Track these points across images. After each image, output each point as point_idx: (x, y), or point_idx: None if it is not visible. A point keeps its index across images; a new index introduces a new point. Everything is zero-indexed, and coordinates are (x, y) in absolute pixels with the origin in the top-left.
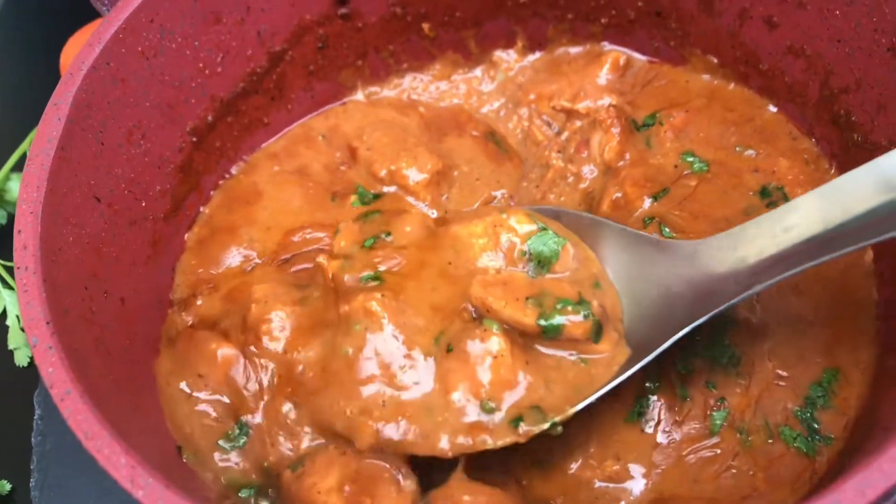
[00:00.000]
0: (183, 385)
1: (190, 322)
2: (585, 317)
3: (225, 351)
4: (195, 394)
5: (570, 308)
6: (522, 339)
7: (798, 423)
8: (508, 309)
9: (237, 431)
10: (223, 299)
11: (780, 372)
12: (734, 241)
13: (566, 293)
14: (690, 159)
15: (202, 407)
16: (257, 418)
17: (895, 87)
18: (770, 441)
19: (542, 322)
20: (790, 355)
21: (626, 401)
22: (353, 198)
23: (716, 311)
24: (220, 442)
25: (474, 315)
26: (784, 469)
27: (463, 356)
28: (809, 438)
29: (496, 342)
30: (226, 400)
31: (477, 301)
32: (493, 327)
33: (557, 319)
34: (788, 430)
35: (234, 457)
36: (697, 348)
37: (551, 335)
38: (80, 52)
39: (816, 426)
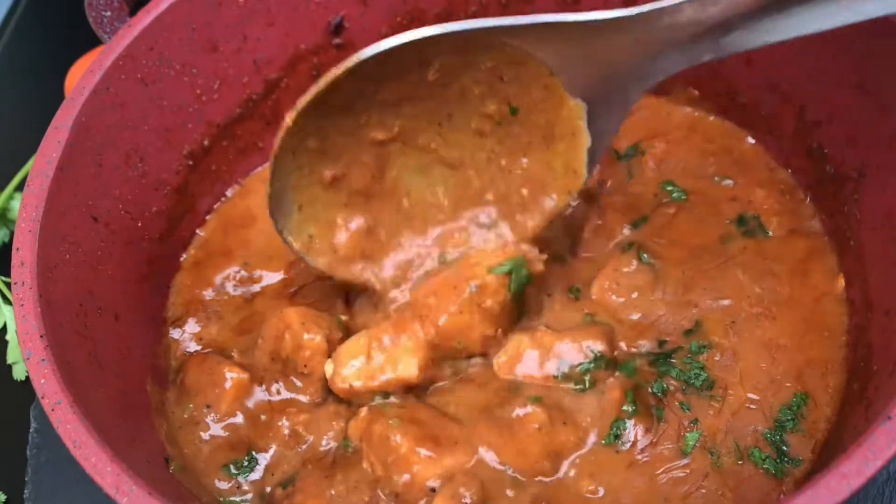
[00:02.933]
0: (187, 413)
1: (195, 349)
2: (607, 364)
3: (236, 376)
4: (205, 420)
5: (592, 367)
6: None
7: (767, 445)
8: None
9: (245, 463)
10: (235, 330)
11: (751, 395)
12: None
13: (572, 355)
14: (670, 188)
15: (210, 432)
16: (270, 454)
17: (863, 122)
18: (740, 462)
19: (578, 391)
20: (762, 379)
21: (603, 425)
22: None
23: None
24: (230, 468)
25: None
26: (752, 490)
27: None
28: (778, 460)
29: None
30: (239, 421)
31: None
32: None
33: (590, 381)
34: (758, 451)
35: (236, 482)
36: (672, 372)
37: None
38: (81, 77)
39: (785, 448)
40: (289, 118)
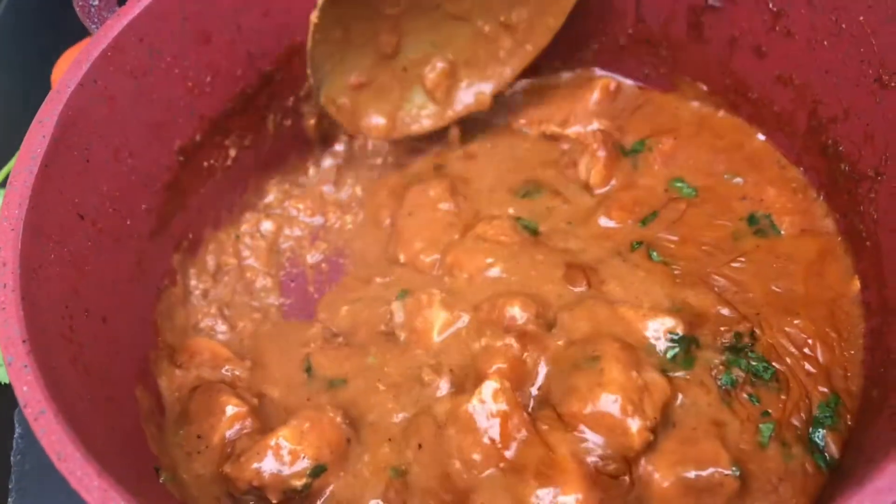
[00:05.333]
0: (183, 439)
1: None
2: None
3: (236, 410)
4: (197, 451)
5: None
6: None
7: (808, 441)
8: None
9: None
10: None
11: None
12: None
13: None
14: (679, 185)
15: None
16: None
17: (881, 118)
18: (788, 457)
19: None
20: (801, 373)
21: None
22: None
23: None
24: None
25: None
26: (796, 483)
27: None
28: (815, 456)
29: None
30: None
31: None
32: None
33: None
34: (799, 447)
35: None
36: (741, 363)
37: None
38: (67, 69)
39: (822, 445)
40: (313, 16)
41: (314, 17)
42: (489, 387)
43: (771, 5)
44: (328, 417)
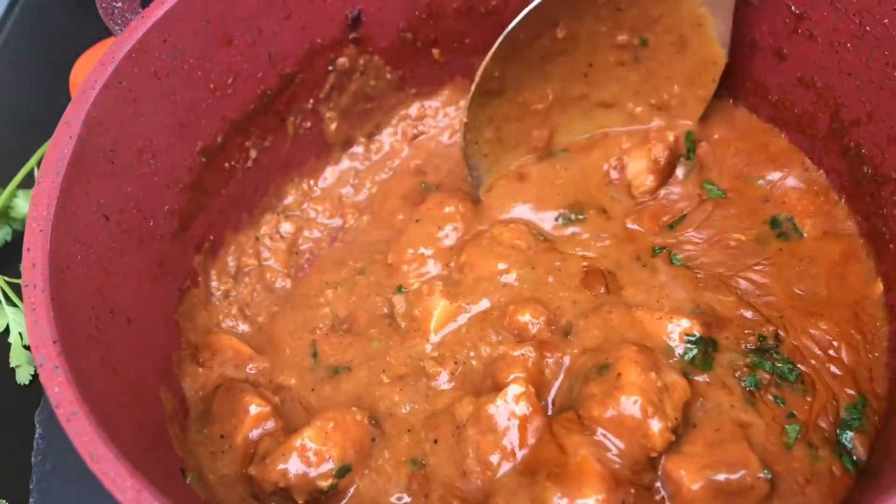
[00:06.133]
0: (206, 438)
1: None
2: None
3: (259, 410)
4: (221, 450)
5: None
6: None
7: (836, 443)
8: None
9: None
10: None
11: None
12: None
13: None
14: (709, 187)
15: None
16: None
17: None
18: (815, 459)
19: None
20: (825, 375)
21: None
22: None
23: None
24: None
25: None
26: (823, 485)
27: None
28: (843, 458)
29: None
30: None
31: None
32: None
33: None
34: (826, 449)
35: None
36: (765, 365)
37: None
38: (92, 70)
39: (850, 447)
40: (462, 116)
41: (463, 117)
42: (514, 389)
43: (793, 8)
44: (352, 417)
